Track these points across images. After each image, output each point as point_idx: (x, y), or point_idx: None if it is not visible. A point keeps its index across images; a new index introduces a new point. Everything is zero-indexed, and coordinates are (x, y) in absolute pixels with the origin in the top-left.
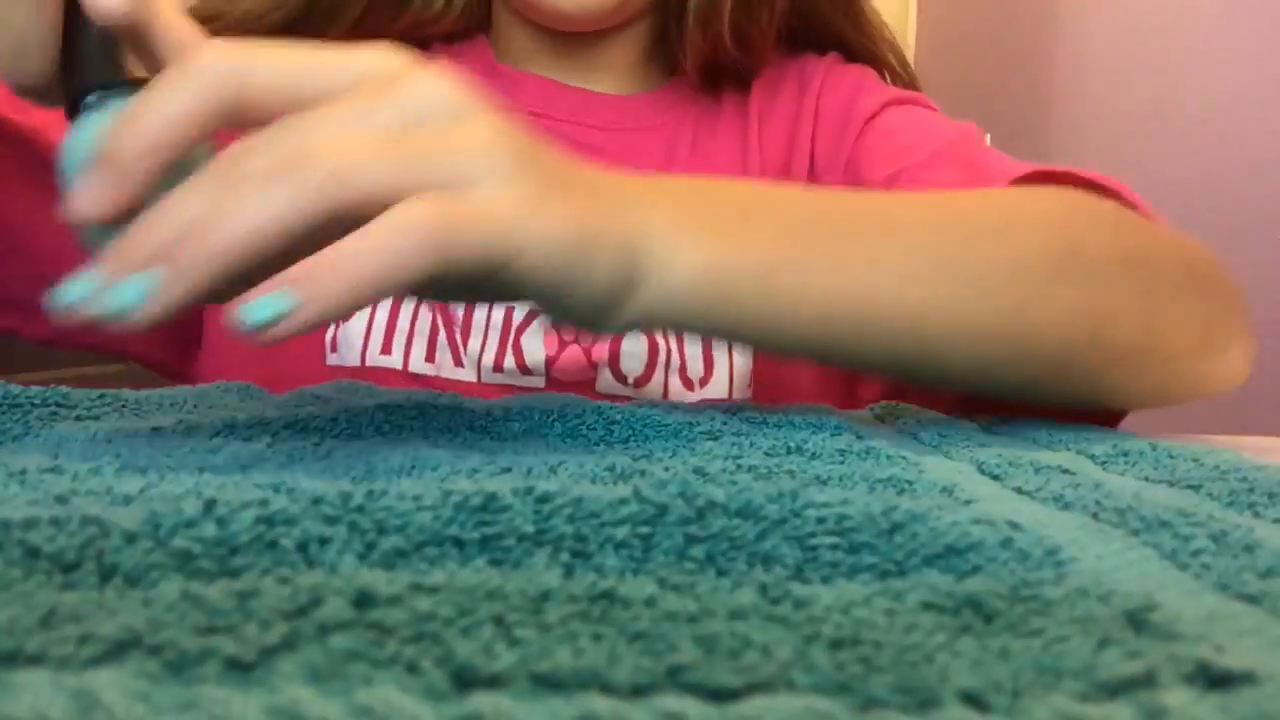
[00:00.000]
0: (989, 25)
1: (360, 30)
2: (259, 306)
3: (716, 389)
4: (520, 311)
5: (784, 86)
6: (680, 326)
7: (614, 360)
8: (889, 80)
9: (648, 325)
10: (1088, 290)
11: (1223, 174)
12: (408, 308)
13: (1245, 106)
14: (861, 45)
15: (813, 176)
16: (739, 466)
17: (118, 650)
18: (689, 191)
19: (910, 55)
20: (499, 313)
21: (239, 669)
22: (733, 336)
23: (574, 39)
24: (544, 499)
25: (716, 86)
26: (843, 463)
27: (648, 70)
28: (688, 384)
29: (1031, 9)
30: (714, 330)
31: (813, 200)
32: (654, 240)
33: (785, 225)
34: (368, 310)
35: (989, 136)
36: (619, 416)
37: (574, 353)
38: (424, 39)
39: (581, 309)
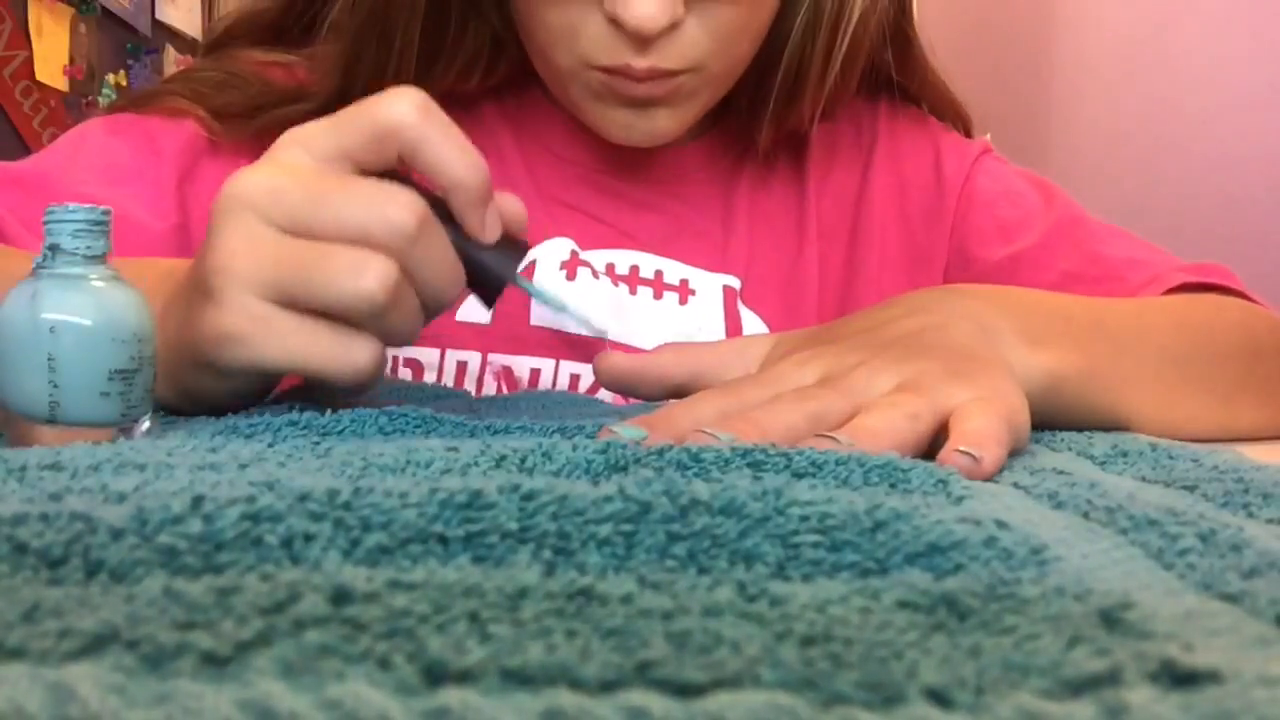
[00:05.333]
0: (988, 26)
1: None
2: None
3: None
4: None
5: (840, 139)
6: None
7: None
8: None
9: None
10: (1267, 379)
11: (1223, 174)
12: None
13: (1245, 106)
14: (914, 90)
15: (902, 234)
16: (734, 452)
17: (96, 645)
18: (1014, 304)
19: None
20: (564, 378)
21: (214, 663)
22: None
23: None
24: (529, 496)
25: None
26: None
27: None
28: None
29: (1031, 9)
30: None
31: (1082, 310)
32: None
33: (1077, 336)
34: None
35: (989, 136)
36: (627, 411)
37: None
38: (471, 93)
39: None
